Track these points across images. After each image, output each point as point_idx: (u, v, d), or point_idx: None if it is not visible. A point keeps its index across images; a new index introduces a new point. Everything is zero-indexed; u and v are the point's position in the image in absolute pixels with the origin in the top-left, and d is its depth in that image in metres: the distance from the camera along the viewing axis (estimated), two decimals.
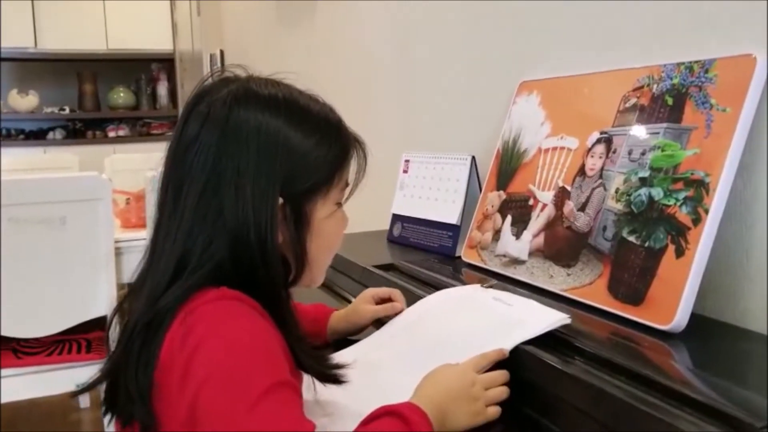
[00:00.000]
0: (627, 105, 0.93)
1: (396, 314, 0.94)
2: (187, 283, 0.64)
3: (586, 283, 0.90)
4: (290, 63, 2.55)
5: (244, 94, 0.69)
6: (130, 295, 0.70)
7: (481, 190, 1.21)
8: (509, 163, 1.14)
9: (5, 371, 1.90)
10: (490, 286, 0.93)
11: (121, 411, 0.66)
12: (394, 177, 1.45)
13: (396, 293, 0.97)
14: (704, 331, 0.79)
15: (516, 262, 1.04)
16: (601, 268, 0.88)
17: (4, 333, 1.88)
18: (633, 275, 0.83)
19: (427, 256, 1.24)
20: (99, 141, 5.36)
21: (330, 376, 0.72)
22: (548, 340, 0.75)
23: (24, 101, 5.19)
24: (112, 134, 5.46)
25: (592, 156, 0.96)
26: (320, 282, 0.78)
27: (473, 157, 1.25)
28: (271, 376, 0.58)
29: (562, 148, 1.02)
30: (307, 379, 0.72)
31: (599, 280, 0.88)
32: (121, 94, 5.54)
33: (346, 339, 0.96)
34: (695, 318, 0.78)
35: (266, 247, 0.66)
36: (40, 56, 5.16)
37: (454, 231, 1.25)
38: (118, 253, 2.07)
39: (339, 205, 0.75)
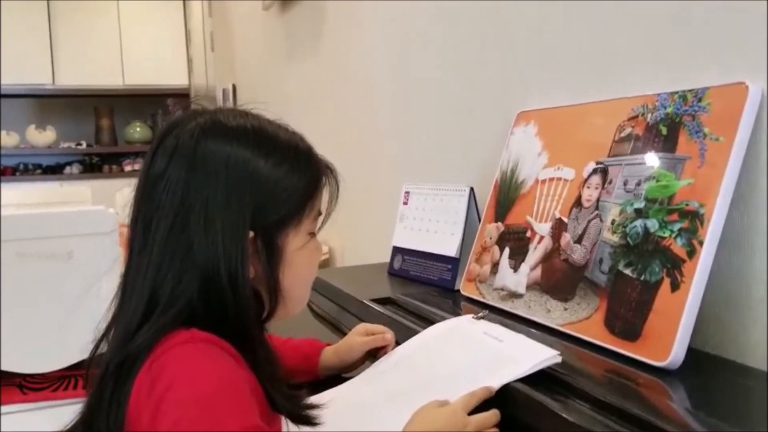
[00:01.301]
0: (622, 135, 0.92)
1: (386, 345, 0.93)
2: (157, 324, 0.62)
3: (583, 317, 0.87)
4: (295, 95, 2.57)
5: (212, 126, 0.68)
6: (107, 332, 0.69)
7: (480, 222, 1.19)
8: (507, 194, 1.12)
9: (9, 407, 1.89)
10: (482, 317, 0.90)
11: None
12: (394, 208, 1.43)
13: (386, 332, 0.95)
14: (702, 368, 0.76)
15: (514, 295, 1.02)
16: (597, 302, 0.86)
17: (9, 368, 1.87)
18: (629, 310, 0.81)
19: (426, 290, 1.22)
20: (115, 175, 5.43)
21: (303, 417, 0.70)
22: (540, 377, 0.73)
23: (42, 136, 5.28)
24: (128, 168, 5.52)
25: (588, 187, 0.94)
26: (297, 311, 0.75)
27: (472, 189, 1.23)
28: (240, 420, 0.56)
29: (559, 179, 1.01)
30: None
31: (596, 315, 0.86)
32: (138, 129, 5.62)
33: (338, 376, 0.94)
34: (694, 353, 0.76)
35: (237, 282, 0.64)
36: (57, 92, 5.26)
37: (453, 264, 1.23)
38: None
39: (312, 235, 0.73)
